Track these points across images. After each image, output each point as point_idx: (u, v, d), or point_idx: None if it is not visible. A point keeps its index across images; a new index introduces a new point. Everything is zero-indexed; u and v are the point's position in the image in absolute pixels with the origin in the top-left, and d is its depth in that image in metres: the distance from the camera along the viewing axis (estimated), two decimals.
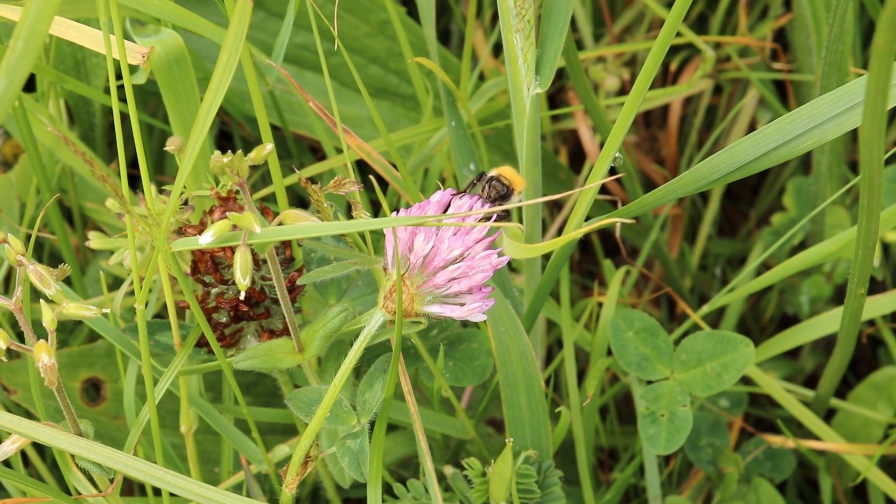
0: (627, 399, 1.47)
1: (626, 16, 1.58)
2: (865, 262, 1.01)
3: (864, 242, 0.98)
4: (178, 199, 0.88)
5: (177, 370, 1.02)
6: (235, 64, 0.82)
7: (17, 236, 1.21)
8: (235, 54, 0.81)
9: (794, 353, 1.50)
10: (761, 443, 1.30)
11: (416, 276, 0.95)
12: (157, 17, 1.08)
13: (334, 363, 1.06)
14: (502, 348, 1.08)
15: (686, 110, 1.60)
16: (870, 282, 1.05)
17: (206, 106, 0.84)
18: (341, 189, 0.94)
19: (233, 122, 1.43)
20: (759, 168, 0.93)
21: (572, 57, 1.16)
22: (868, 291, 1.06)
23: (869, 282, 1.04)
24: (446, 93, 1.18)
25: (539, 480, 1.08)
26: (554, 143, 1.56)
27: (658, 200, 0.97)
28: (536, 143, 1.03)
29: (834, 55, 1.17)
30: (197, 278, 1.03)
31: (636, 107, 0.93)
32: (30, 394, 1.21)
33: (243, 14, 0.80)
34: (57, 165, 1.29)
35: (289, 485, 0.98)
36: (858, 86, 0.90)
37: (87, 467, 0.94)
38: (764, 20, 1.56)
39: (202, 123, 0.84)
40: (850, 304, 1.08)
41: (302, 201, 1.45)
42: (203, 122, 0.84)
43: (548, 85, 0.99)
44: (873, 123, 0.83)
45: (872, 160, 0.87)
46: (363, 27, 1.40)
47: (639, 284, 1.53)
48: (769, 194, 1.58)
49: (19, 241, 0.90)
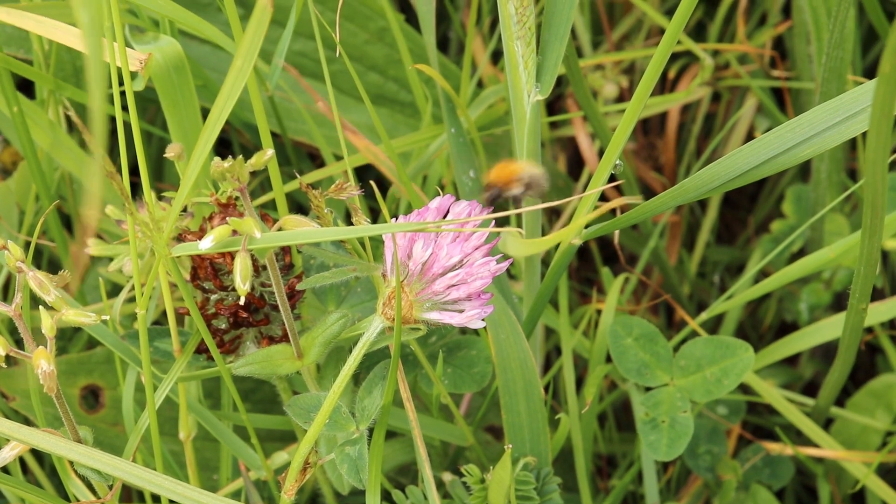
0: (625, 406, 1.47)
1: (624, 23, 1.59)
2: (867, 278, 1.01)
3: (866, 259, 0.98)
4: (182, 203, 0.88)
5: (176, 376, 1.02)
6: (250, 71, 0.81)
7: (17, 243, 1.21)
8: (250, 60, 0.81)
9: (793, 361, 1.50)
10: (760, 450, 1.30)
11: (414, 282, 0.95)
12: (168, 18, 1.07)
13: (333, 370, 1.06)
14: (502, 354, 1.08)
15: (684, 118, 1.60)
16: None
17: (215, 112, 0.83)
18: (342, 194, 0.94)
19: (231, 130, 1.43)
20: (759, 176, 0.93)
21: (573, 64, 1.16)
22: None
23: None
24: (446, 100, 1.18)
25: (538, 487, 1.08)
26: (552, 150, 1.56)
27: (658, 207, 0.97)
28: (537, 150, 1.03)
29: (834, 61, 1.17)
30: (196, 284, 1.03)
31: (637, 114, 0.94)
32: (29, 401, 1.21)
33: (262, 18, 0.79)
34: (56, 172, 1.29)
35: (287, 491, 0.98)
36: (859, 94, 0.90)
37: (86, 474, 0.94)
38: (762, 28, 1.56)
39: (211, 129, 0.83)
40: (852, 317, 1.08)
41: (301, 208, 1.45)
42: (212, 128, 0.83)
43: (548, 92, 0.99)
44: (878, 144, 0.83)
45: (876, 179, 0.87)
46: (362, 34, 1.40)
47: (637, 292, 1.53)
48: (767, 202, 1.58)
49: (19, 247, 0.90)
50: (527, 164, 1.02)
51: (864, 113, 0.89)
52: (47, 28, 1.00)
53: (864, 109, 0.89)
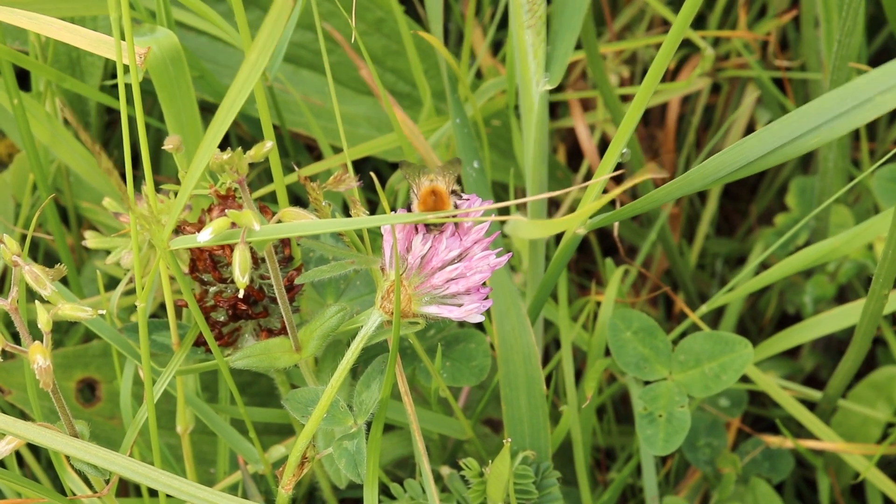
0: (624, 399, 1.46)
1: (626, 13, 1.58)
2: (894, 263, 1.00)
3: (894, 243, 0.97)
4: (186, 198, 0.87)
5: (175, 369, 1.02)
6: (265, 63, 0.80)
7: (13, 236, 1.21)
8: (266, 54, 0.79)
9: (794, 353, 1.49)
10: (759, 443, 1.30)
11: (413, 276, 0.95)
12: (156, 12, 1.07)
13: (331, 363, 1.06)
14: (505, 346, 1.07)
15: (684, 109, 1.60)
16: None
17: (226, 104, 0.82)
18: (340, 186, 0.94)
19: None
20: (766, 165, 0.92)
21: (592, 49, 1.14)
22: (868, 290, 1.06)
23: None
24: (452, 89, 1.17)
25: (537, 481, 1.07)
26: (552, 141, 1.56)
27: (664, 197, 0.96)
28: (544, 141, 1.02)
29: (845, 49, 1.16)
30: (195, 277, 1.02)
31: (646, 101, 0.92)
32: (25, 394, 1.21)
33: (283, 10, 0.78)
34: (52, 165, 1.29)
35: (285, 485, 0.98)
36: (868, 81, 0.88)
37: (83, 468, 0.94)
38: (762, 19, 1.55)
39: (221, 122, 0.82)
40: (872, 303, 1.07)
41: (299, 200, 1.44)
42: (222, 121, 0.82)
43: (558, 81, 0.98)
44: None
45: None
46: (360, 25, 1.39)
47: (636, 284, 1.53)
48: (768, 193, 1.58)
49: (15, 241, 0.89)
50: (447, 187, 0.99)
51: (874, 100, 0.88)
52: (41, 25, 0.99)
53: (874, 97, 0.88)
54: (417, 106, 1.41)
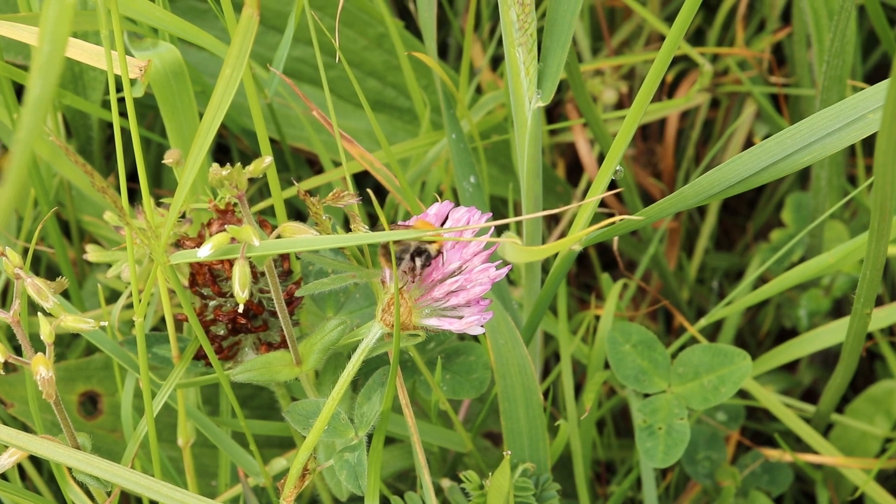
0: (624, 412, 1.47)
1: (624, 29, 1.59)
2: (873, 283, 1.01)
3: (872, 264, 0.98)
4: (178, 211, 0.88)
5: (175, 382, 1.02)
6: (239, 79, 0.81)
7: (15, 249, 1.21)
8: (239, 69, 0.81)
9: (792, 367, 1.50)
10: (758, 456, 1.30)
11: (413, 289, 0.95)
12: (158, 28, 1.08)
13: (332, 376, 1.06)
14: (501, 361, 1.08)
15: (683, 124, 1.61)
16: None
17: (207, 119, 0.83)
18: (339, 202, 0.94)
19: (230, 136, 1.43)
20: (760, 182, 0.93)
21: (574, 70, 1.16)
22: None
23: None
24: (447, 105, 1.18)
25: (537, 493, 1.08)
26: (551, 156, 1.56)
27: (659, 213, 0.97)
28: (538, 157, 1.03)
29: (835, 69, 1.17)
30: (195, 291, 1.02)
31: (637, 120, 0.94)
32: (27, 407, 1.21)
33: (248, 28, 0.79)
34: (55, 179, 1.29)
35: (286, 498, 0.98)
36: (860, 100, 0.90)
37: (85, 480, 0.94)
38: (761, 34, 1.56)
39: (204, 137, 0.84)
40: (855, 322, 1.08)
41: (299, 214, 1.45)
42: (205, 135, 0.84)
43: (550, 98, 0.99)
44: (888, 146, 0.83)
45: (885, 183, 0.87)
46: (361, 41, 1.40)
47: (636, 298, 1.53)
48: (766, 208, 1.59)
49: (17, 254, 0.90)
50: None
51: (866, 118, 0.89)
52: None
53: (865, 115, 0.89)
54: (418, 121, 1.41)
